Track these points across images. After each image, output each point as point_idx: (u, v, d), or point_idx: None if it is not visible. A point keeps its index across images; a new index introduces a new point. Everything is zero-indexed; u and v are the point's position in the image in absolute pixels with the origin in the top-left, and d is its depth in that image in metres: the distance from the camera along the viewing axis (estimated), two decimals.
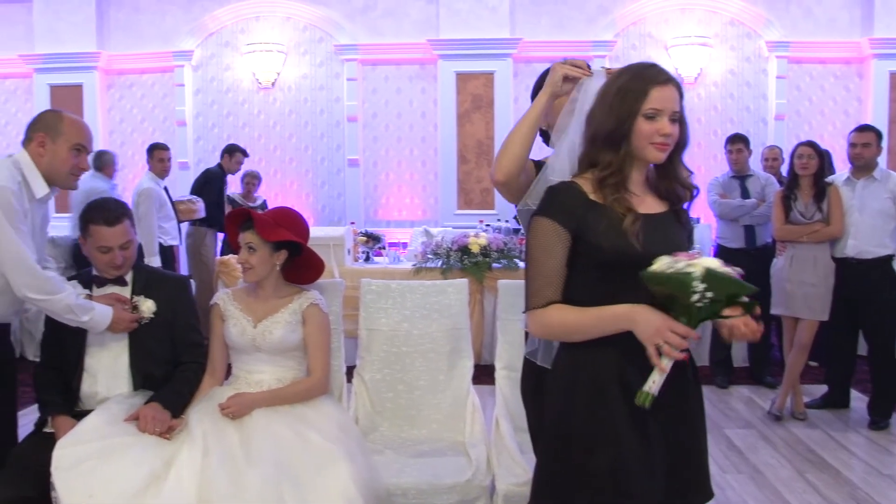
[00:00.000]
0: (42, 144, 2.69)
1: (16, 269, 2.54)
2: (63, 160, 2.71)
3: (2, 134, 9.41)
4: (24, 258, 2.54)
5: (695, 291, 1.66)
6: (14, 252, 2.53)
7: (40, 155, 2.69)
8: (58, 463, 2.35)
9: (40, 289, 2.56)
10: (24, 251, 2.54)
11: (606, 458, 1.76)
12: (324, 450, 2.50)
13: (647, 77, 1.83)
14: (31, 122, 2.78)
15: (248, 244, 2.82)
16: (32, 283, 2.55)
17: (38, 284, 2.56)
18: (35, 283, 2.55)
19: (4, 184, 2.54)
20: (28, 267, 2.54)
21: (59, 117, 2.75)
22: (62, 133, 2.70)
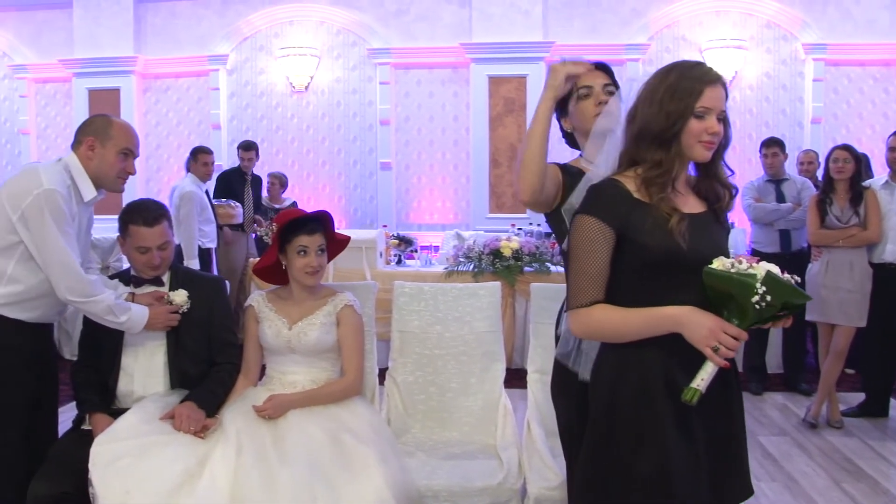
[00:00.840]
0: (91, 148, 2.74)
1: (60, 272, 2.58)
2: (111, 164, 2.75)
3: (41, 137, 9.60)
4: (68, 261, 2.58)
5: (756, 293, 1.67)
6: (60, 255, 2.57)
7: (89, 158, 2.74)
8: (95, 460, 2.39)
9: (82, 292, 2.60)
10: (69, 254, 2.58)
11: (652, 458, 1.76)
12: (356, 451, 2.51)
13: (697, 76, 1.82)
14: (81, 126, 2.83)
15: (320, 246, 2.85)
16: (75, 287, 2.59)
17: (81, 288, 2.60)
18: (78, 286, 2.59)
19: (54, 186, 2.57)
20: (72, 270, 2.58)
21: (108, 122, 2.79)
22: (111, 137, 2.75)
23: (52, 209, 2.56)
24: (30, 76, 9.52)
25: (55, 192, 2.57)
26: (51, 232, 2.55)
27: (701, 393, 1.73)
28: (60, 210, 2.57)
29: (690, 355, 1.73)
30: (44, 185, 2.56)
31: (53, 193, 2.56)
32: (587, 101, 2.28)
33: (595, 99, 2.27)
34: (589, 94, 2.28)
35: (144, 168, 9.31)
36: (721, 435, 1.86)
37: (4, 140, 9.73)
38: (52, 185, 2.57)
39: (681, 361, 1.77)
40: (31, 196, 2.55)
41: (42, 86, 9.62)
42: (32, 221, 2.55)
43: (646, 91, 1.88)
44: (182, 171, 8.92)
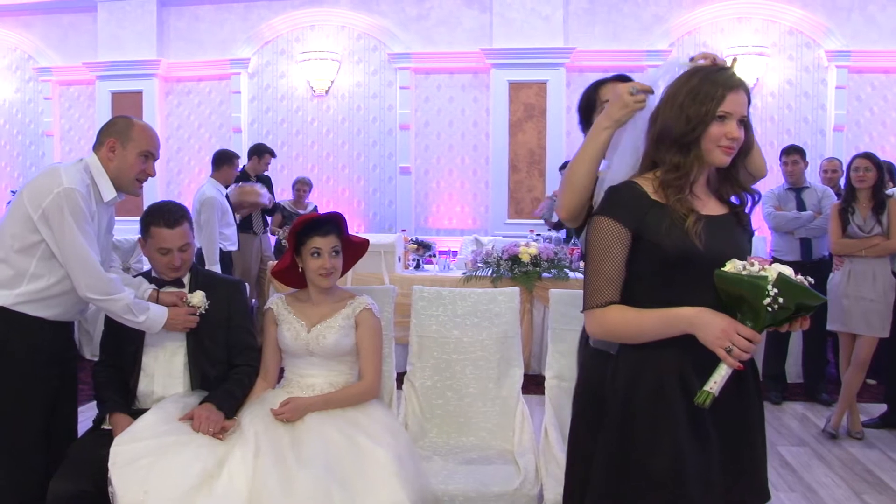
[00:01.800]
0: (112, 149, 2.76)
1: (80, 270, 2.61)
2: (131, 165, 2.78)
3: (65, 139, 9.72)
4: (88, 259, 2.61)
5: (767, 295, 1.67)
6: (79, 253, 2.60)
7: (110, 160, 2.77)
8: (115, 459, 2.40)
9: (101, 290, 2.63)
10: (88, 252, 2.61)
11: (666, 459, 1.76)
12: (373, 454, 2.51)
13: (720, 81, 1.83)
14: (103, 127, 2.86)
15: (334, 248, 2.87)
16: (95, 285, 2.62)
17: (101, 286, 2.62)
18: (98, 284, 2.62)
19: (74, 186, 2.60)
20: (91, 268, 2.61)
21: (129, 124, 2.82)
22: (132, 139, 2.77)
23: (71, 208, 2.58)
24: (54, 79, 9.64)
25: (75, 192, 2.59)
26: (71, 230, 2.58)
27: (714, 396, 1.73)
28: (80, 209, 2.60)
29: (706, 356, 1.73)
30: (64, 184, 2.59)
31: (73, 192, 2.59)
32: None
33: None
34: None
35: (165, 171, 9.39)
36: (737, 439, 1.86)
37: (28, 142, 9.85)
38: (72, 184, 2.60)
39: (696, 363, 1.78)
40: (52, 195, 2.58)
41: (66, 88, 9.73)
42: (53, 220, 2.59)
43: (668, 94, 1.89)
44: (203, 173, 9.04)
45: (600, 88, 2.38)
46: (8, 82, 9.86)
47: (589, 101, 2.40)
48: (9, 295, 2.64)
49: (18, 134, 9.89)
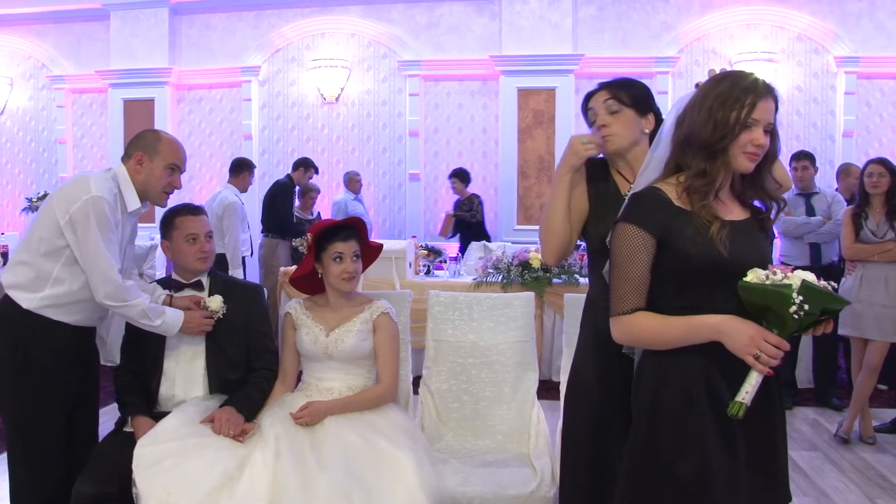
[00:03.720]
0: (140, 162, 2.82)
1: (99, 276, 2.66)
2: (158, 178, 2.84)
3: (77, 146, 9.79)
4: (107, 267, 2.65)
5: (793, 303, 1.67)
6: (100, 260, 2.65)
7: (137, 172, 2.82)
8: (138, 461, 2.45)
9: (118, 297, 2.67)
10: (109, 260, 2.66)
11: (694, 463, 1.78)
12: (392, 456, 2.54)
13: (749, 86, 1.83)
14: (132, 140, 2.92)
15: (355, 252, 2.91)
16: (112, 292, 2.67)
17: (117, 293, 2.67)
18: (115, 291, 2.67)
19: (102, 194, 2.66)
20: (110, 276, 2.65)
21: (157, 137, 2.89)
22: (159, 152, 2.83)
23: (97, 215, 2.64)
24: (67, 87, 9.73)
25: (102, 199, 2.65)
26: (94, 237, 2.64)
27: (747, 406, 1.74)
28: (105, 217, 2.66)
29: (732, 362, 1.75)
30: (92, 191, 2.65)
31: (100, 200, 2.65)
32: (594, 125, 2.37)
33: (598, 122, 2.34)
34: (594, 120, 2.36)
35: None
36: (762, 441, 1.88)
37: (41, 149, 9.94)
38: (100, 192, 2.66)
39: (723, 369, 1.79)
40: (80, 202, 2.64)
41: (79, 96, 9.82)
42: (78, 226, 2.64)
43: (696, 97, 1.89)
44: (214, 180, 9.11)
45: (591, 99, 2.40)
46: (22, 90, 9.96)
47: (585, 113, 2.44)
48: (32, 298, 2.69)
49: (32, 141, 9.98)
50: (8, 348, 2.71)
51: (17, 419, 2.72)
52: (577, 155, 2.26)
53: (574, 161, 2.26)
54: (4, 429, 2.78)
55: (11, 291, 2.72)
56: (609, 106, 2.32)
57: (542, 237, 2.30)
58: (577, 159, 2.26)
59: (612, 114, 2.31)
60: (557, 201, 2.28)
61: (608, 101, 2.32)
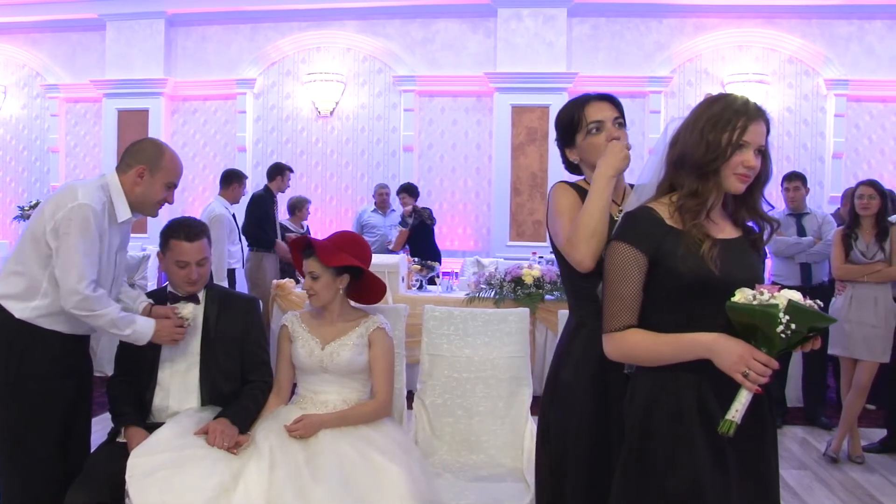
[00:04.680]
0: (140, 175, 2.79)
1: (68, 285, 2.61)
2: (155, 193, 2.83)
3: (70, 156, 9.78)
4: (77, 277, 2.60)
5: (780, 323, 1.70)
6: (72, 269, 2.60)
7: (136, 184, 2.80)
8: (132, 471, 2.44)
9: (85, 307, 2.62)
10: (81, 270, 2.61)
11: (685, 478, 1.80)
12: (387, 469, 2.55)
13: (742, 110, 1.87)
14: (133, 150, 2.87)
15: (311, 272, 2.92)
16: (79, 303, 2.61)
17: (85, 304, 2.62)
18: (82, 302, 2.61)
19: (88, 202, 2.64)
20: (78, 287, 2.60)
21: (160, 152, 2.85)
22: (162, 168, 2.81)
23: (80, 223, 2.62)
24: (61, 95, 9.72)
25: (87, 207, 2.63)
26: (73, 244, 2.61)
27: (737, 424, 1.76)
28: (88, 225, 2.63)
29: (722, 380, 1.77)
30: (78, 199, 2.63)
31: (85, 208, 2.62)
32: (598, 137, 2.30)
33: (607, 134, 2.29)
34: (600, 128, 2.30)
35: None
36: (752, 456, 1.90)
37: (34, 158, 9.92)
38: (86, 200, 2.64)
39: (713, 385, 1.82)
40: (65, 209, 2.63)
41: (73, 105, 9.81)
42: (60, 232, 2.62)
43: (689, 119, 1.93)
44: (207, 191, 9.10)
45: (586, 108, 2.34)
46: (15, 99, 9.94)
47: (572, 122, 2.36)
48: (25, 308, 2.69)
49: (24, 150, 9.96)
50: (1, 358, 2.69)
51: (11, 427, 2.71)
52: (626, 160, 2.20)
53: (623, 166, 2.20)
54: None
55: (4, 301, 2.71)
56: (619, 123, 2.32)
57: (581, 240, 2.13)
58: (625, 165, 2.20)
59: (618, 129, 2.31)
60: (601, 203, 2.15)
61: (618, 119, 2.32)
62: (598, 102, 2.34)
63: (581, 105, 2.35)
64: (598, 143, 2.29)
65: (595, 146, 2.29)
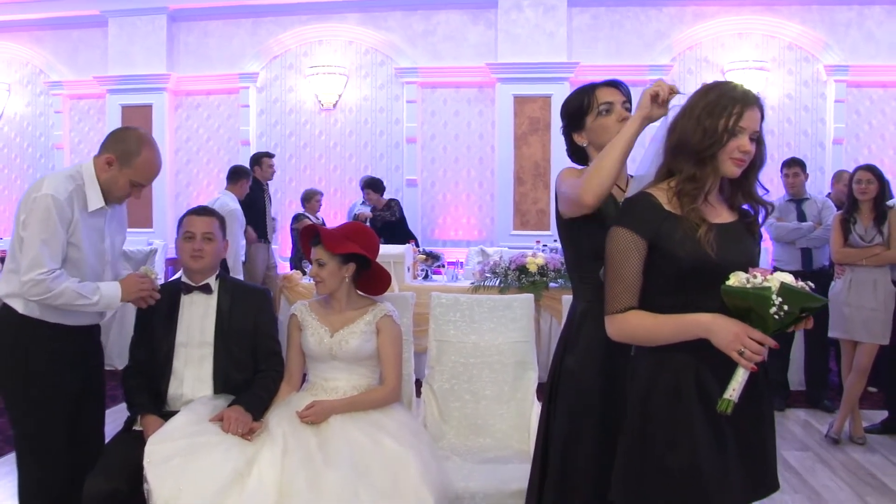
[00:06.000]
0: (109, 164, 2.79)
1: (22, 273, 2.63)
2: (120, 187, 2.82)
3: (75, 152, 9.84)
4: (29, 265, 2.61)
5: (773, 304, 1.77)
6: (28, 256, 2.61)
7: (104, 171, 2.79)
8: (150, 458, 2.50)
9: (38, 291, 2.62)
10: (37, 257, 2.60)
11: (684, 456, 1.87)
12: (397, 453, 2.61)
13: (737, 97, 1.93)
14: (115, 136, 2.86)
15: (318, 259, 2.98)
16: (31, 288, 2.61)
17: (37, 288, 2.61)
18: (34, 287, 2.61)
19: (51, 192, 2.64)
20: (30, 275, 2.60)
21: (137, 150, 2.80)
22: (132, 167, 2.79)
23: (40, 213, 2.62)
24: (65, 92, 9.77)
25: (49, 198, 2.63)
26: (32, 234, 2.62)
27: (734, 403, 1.83)
28: (48, 215, 2.62)
29: (720, 359, 1.84)
30: (42, 190, 2.65)
31: (47, 199, 2.63)
32: (608, 118, 2.36)
33: (617, 115, 2.36)
34: (610, 110, 2.37)
35: (174, 183, 9.52)
36: (750, 433, 1.97)
37: (39, 154, 9.98)
38: (50, 191, 2.64)
39: (711, 365, 1.89)
40: (31, 200, 2.66)
41: (76, 102, 9.87)
42: (26, 222, 2.65)
43: (686, 106, 2.00)
44: (212, 185, 9.16)
45: (596, 91, 2.40)
46: (20, 96, 10.00)
47: (581, 105, 2.41)
48: (27, 303, 2.71)
49: (29, 147, 10.02)
50: (10, 354, 2.75)
51: (23, 421, 2.77)
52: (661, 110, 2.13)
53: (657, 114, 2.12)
54: (12, 431, 2.84)
55: (7, 299, 2.75)
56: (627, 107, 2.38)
57: (591, 177, 2.12)
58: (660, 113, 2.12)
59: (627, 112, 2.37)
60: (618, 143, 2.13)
61: (626, 104, 2.38)
62: (608, 87, 2.41)
63: (591, 89, 2.43)
64: (608, 124, 2.35)
65: (605, 127, 2.35)
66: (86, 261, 2.77)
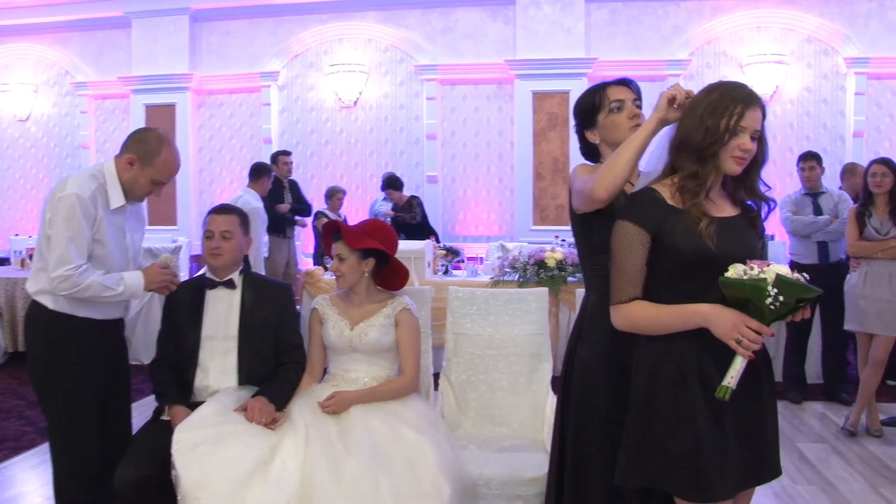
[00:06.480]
0: (131, 163, 2.91)
1: (50, 269, 2.76)
2: (141, 185, 2.94)
3: (100, 151, 10.01)
4: (56, 262, 2.74)
5: (769, 295, 1.85)
6: (55, 254, 2.75)
7: (125, 170, 2.92)
8: (178, 446, 2.61)
9: (67, 286, 2.75)
10: (64, 254, 2.74)
11: (686, 440, 1.95)
12: (415, 442, 2.69)
13: (738, 98, 2.00)
14: (136, 136, 2.99)
15: (338, 254, 3.07)
16: (60, 283, 2.75)
17: (66, 283, 2.74)
18: (63, 283, 2.74)
19: (75, 191, 2.76)
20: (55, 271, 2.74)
21: (157, 149, 2.92)
22: (153, 166, 2.92)
23: (65, 212, 2.75)
24: (90, 93, 9.95)
25: (74, 197, 2.75)
26: (58, 233, 2.75)
27: (732, 390, 1.91)
28: (73, 213, 2.75)
29: (721, 348, 1.93)
30: (67, 189, 2.77)
31: (72, 198, 2.75)
32: (620, 115, 2.43)
33: (628, 112, 2.43)
34: (621, 107, 2.43)
35: (198, 181, 9.67)
36: (751, 420, 2.05)
37: (65, 154, 10.17)
38: (75, 190, 2.76)
39: (712, 353, 1.97)
40: (56, 200, 2.78)
41: (101, 102, 10.04)
42: (52, 221, 2.78)
43: (689, 105, 2.07)
44: (234, 183, 9.30)
45: (607, 89, 2.47)
46: (46, 97, 10.19)
47: (593, 103, 2.48)
48: (56, 299, 2.84)
49: (56, 146, 10.21)
50: (42, 348, 2.87)
51: (55, 413, 2.88)
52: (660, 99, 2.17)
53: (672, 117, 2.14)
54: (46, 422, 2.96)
55: (37, 296, 2.88)
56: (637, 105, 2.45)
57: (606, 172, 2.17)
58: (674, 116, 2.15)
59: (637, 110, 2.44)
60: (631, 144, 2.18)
61: (636, 101, 2.46)
62: (619, 85, 2.48)
63: (602, 88, 2.49)
64: (619, 121, 2.42)
65: (616, 123, 2.42)
66: (110, 257, 2.89)
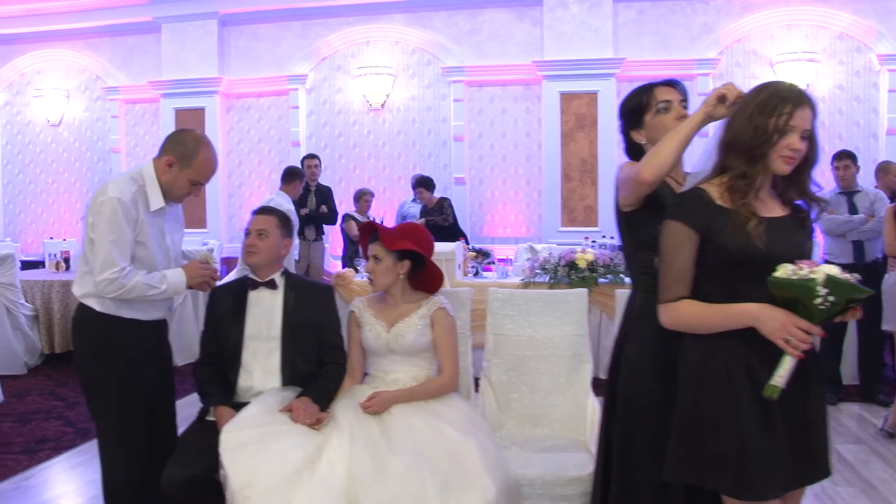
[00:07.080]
0: (170, 165, 2.96)
1: (96, 273, 2.81)
2: (180, 186, 2.99)
3: (131, 155, 10.13)
4: (101, 264, 2.79)
5: (818, 296, 1.84)
6: (100, 257, 2.80)
7: (164, 172, 2.96)
8: (225, 445, 2.64)
9: (114, 288, 2.80)
10: (109, 257, 2.79)
11: (732, 440, 1.95)
12: (458, 441, 2.71)
13: (788, 97, 2.00)
14: (174, 138, 3.04)
15: (374, 255, 3.09)
16: (107, 286, 2.80)
17: (112, 286, 2.80)
18: (110, 286, 2.80)
19: (116, 195, 2.81)
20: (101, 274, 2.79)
21: (196, 150, 2.97)
22: (191, 167, 2.96)
23: (108, 216, 2.79)
24: (121, 98, 10.08)
25: (115, 200, 2.80)
26: (102, 236, 2.79)
27: (781, 389, 1.91)
28: (116, 216, 2.79)
29: (769, 347, 1.92)
30: (108, 194, 2.82)
31: (113, 201, 2.80)
32: (667, 115, 2.44)
33: (675, 113, 2.44)
34: (668, 108, 2.45)
35: (227, 184, 9.75)
36: (800, 419, 2.04)
37: (97, 158, 10.31)
38: (116, 194, 2.81)
39: (760, 352, 1.97)
40: (97, 205, 2.83)
41: (132, 106, 10.17)
42: (94, 225, 2.82)
43: (740, 105, 2.08)
44: (263, 186, 9.37)
45: (654, 90, 2.49)
46: (78, 102, 10.34)
47: (640, 104, 2.50)
48: (103, 301, 2.88)
49: (87, 151, 10.35)
50: (90, 350, 2.92)
51: (105, 414, 2.93)
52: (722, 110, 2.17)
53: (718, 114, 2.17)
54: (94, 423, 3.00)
55: (84, 299, 2.93)
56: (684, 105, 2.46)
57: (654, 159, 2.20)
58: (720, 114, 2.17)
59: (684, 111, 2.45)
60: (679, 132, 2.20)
61: (683, 102, 2.47)
62: (666, 86, 2.50)
63: (650, 88, 2.51)
64: (666, 122, 2.43)
65: (663, 123, 2.43)
66: (153, 258, 2.94)
